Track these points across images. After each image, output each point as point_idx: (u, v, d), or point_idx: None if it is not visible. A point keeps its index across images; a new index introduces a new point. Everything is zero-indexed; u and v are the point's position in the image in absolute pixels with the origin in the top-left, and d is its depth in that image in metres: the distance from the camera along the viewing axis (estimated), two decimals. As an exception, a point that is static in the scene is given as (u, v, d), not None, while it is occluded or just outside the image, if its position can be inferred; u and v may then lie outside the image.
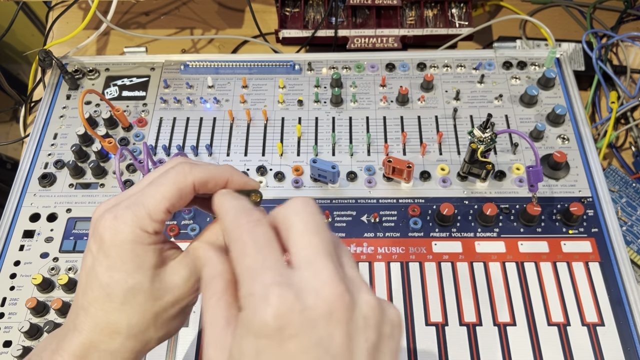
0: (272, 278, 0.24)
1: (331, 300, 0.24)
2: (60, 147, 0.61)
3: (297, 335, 0.23)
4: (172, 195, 0.30)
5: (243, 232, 0.26)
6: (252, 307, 0.24)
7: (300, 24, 0.73)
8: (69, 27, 0.80)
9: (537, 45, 0.74)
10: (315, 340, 0.23)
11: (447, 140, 0.60)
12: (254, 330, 0.24)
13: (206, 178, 0.31)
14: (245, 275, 0.25)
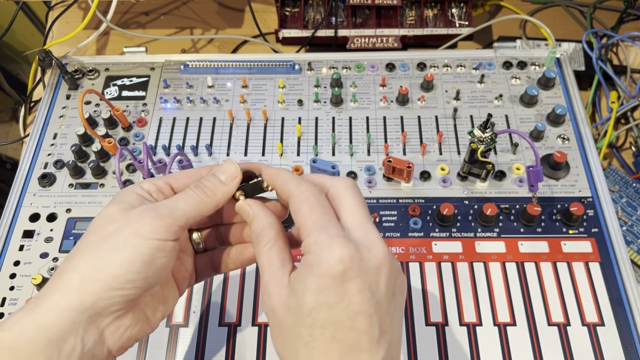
0: (337, 232, 0.30)
1: (380, 257, 0.31)
2: (60, 147, 0.61)
3: (354, 278, 0.29)
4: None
5: (310, 195, 0.32)
6: (318, 253, 0.30)
7: (300, 23, 0.73)
8: (68, 27, 0.80)
9: (537, 45, 0.74)
10: (367, 285, 0.30)
11: (447, 140, 0.60)
12: (319, 271, 0.29)
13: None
14: (313, 227, 0.31)
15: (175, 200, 0.34)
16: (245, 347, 0.48)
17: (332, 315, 0.29)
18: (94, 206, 0.57)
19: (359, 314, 0.29)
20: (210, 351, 0.48)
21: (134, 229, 0.32)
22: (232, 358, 0.48)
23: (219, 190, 0.35)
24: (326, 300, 0.29)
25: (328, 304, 0.29)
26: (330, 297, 0.29)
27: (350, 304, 0.29)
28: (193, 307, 0.50)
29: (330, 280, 0.29)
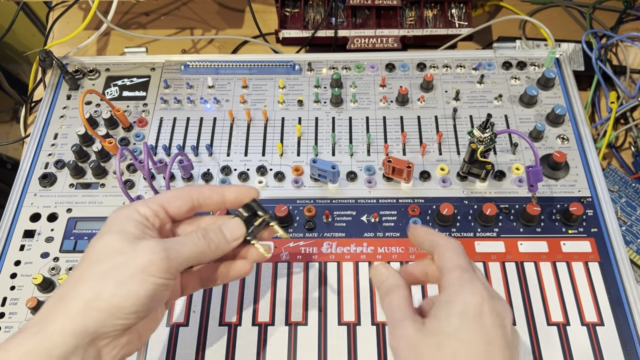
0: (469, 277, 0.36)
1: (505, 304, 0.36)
2: (61, 147, 0.61)
3: (489, 313, 0.34)
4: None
5: (456, 245, 0.39)
6: (462, 286, 0.35)
7: (300, 24, 0.74)
8: (69, 28, 0.81)
9: (536, 45, 0.74)
10: (500, 322, 0.35)
11: (447, 140, 0.60)
12: (462, 300, 0.35)
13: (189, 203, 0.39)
14: (456, 268, 0.37)
15: (182, 244, 0.36)
16: (246, 347, 0.48)
17: (471, 339, 0.33)
18: (95, 206, 0.57)
19: (492, 344, 0.34)
20: (211, 351, 0.48)
21: (142, 265, 0.34)
22: (232, 358, 0.48)
23: (223, 247, 0.38)
24: (465, 324, 0.34)
25: (468, 329, 0.34)
26: (469, 321, 0.34)
27: (486, 333, 0.34)
28: (193, 306, 0.50)
29: (472, 309, 0.34)
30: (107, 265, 0.34)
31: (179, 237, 0.37)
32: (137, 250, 0.34)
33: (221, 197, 0.40)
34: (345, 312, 0.50)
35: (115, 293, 0.33)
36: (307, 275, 0.52)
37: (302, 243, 0.54)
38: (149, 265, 0.34)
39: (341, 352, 0.48)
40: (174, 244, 0.36)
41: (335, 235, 0.54)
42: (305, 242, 0.54)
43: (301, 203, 0.56)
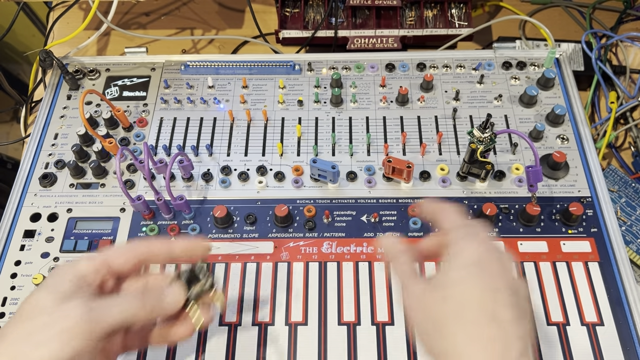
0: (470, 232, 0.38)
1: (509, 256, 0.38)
2: (61, 147, 0.61)
3: (493, 261, 0.36)
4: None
5: (457, 210, 0.40)
6: (462, 247, 0.37)
7: (300, 24, 0.74)
8: (69, 28, 0.81)
9: (536, 45, 0.74)
10: (503, 269, 0.36)
11: (447, 141, 0.60)
12: (459, 262, 0.36)
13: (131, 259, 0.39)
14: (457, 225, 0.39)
15: (112, 305, 0.35)
16: (246, 347, 0.48)
17: (475, 287, 0.35)
18: (95, 206, 0.57)
19: (498, 291, 0.35)
20: (211, 351, 0.48)
21: (62, 326, 0.33)
22: (232, 358, 0.48)
23: (159, 310, 0.37)
24: (469, 274, 0.35)
25: (472, 278, 0.35)
26: (473, 271, 0.35)
27: (492, 281, 0.35)
28: (193, 306, 0.50)
29: (474, 260, 0.36)
30: (31, 325, 0.33)
31: (113, 297, 0.36)
32: (62, 310, 0.33)
33: (168, 253, 0.39)
34: (345, 312, 0.50)
35: (33, 356, 0.32)
36: (307, 275, 0.52)
37: (302, 243, 0.54)
38: (71, 327, 0.33)
39: (341, 352, 0.48)
40: (104, 304, 0.35)
41: (335, 235, 0.54)
42: (305, 242, 0.54)
43: (301, 203, 0.56)
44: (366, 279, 0.51)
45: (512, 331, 0.34)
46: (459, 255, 0.36)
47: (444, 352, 0.34)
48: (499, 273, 0.36)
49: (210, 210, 0.56)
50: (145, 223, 0.55)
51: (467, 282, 0.35)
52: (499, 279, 0.35)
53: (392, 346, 0.48)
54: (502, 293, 0.35)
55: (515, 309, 0.34)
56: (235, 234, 0.55)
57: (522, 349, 0.33)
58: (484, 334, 0.33)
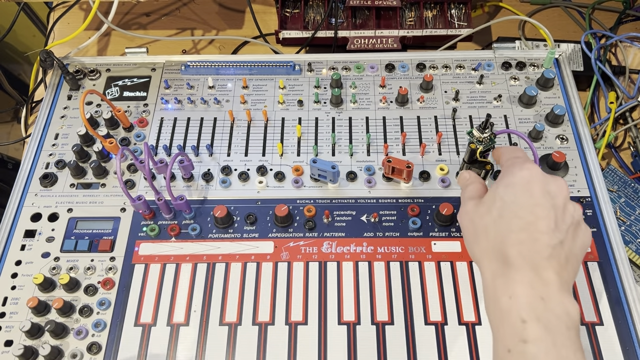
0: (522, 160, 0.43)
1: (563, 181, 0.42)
2: (62, 147, 0.61)
3: (537, 182, 0.40)
4: None
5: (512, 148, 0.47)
6: (511, 167, 0.42)
7: (300, 24, 0.74)
8: (70, 28, 0.81)
9: (536, 45, 0.74)
10: (547, 190, 0.40)
11: (447, 141, 0.61)
12: (510, 175, 0.41)
13: None
14: (510, 157, 0.44)
15: None
16: (246, 347, 0.48)
17: (516, 200, 0.39)
18: (95, 206, 0.57)
19: (538, 205, 0.38)
20: (211, 350, 0.48)
21: None
22: (232, 357, 0.48)
23: None
24: (513, 190, 0.40)
25: (514, 193, 0.39)
26: (517, 188, 0.40)
27: (532, 197, 0.39)
28: (194, 306, 0.51)
29: (520, 180, 0.40)
30: None
31: None
32: None
33: None
34: (345, 312, 0.50)
35: None
36: (307, 275, 0.52)
37: (302, 243, 0.54)
38: None
39: (341, 351, 0.48)
40: None
41: (335, 235, 0.54)
42: (305, 242, 0.54)
43: (301, 203, 0.56)
44: (366, 279, 0.51)
45: (544, 240, 0.37)
46: (506, 176, 0.41)
47: (476, 258, 0.41)
48: (543, 194, 0.39)
49: (210, 210, 0.56)
50: (145, 223, 0.56)
51: (509, 195, 0.40)
52: (542, 199, 0.39)
53: (392, 346, 0.48)
54: (541, 208, 0.38)
55: (552, 222, 0.38)
56: (235, 234, 0.55)
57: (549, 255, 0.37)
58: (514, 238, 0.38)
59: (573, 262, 0.39)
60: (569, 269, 0.38)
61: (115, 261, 0.53)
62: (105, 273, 0.53)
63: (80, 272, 0.53)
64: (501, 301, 0.37)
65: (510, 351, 0.35)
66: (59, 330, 0.49)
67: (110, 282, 0.52)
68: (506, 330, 0.36)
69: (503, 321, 0.36)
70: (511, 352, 0.35)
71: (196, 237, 0.55)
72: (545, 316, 0.35)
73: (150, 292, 0.51)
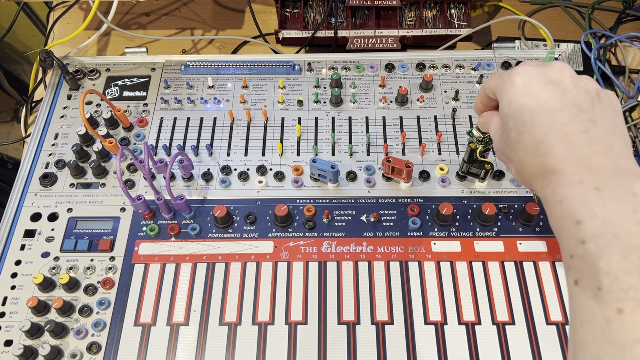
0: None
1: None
2: (62, 147, 0.61)
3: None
4: None
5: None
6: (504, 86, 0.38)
7: (300, 24, 0.74)
8: (70, 28, 0.81)
9: (536, 45, 0.74)
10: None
11: (447, 141, 0.61)
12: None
13: None
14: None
15: None
16: (246, 347, 0.48)
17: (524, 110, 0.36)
18: (95, 206, 0.57)
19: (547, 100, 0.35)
20: (211, 350, 0.48)
21: None
22: (232, 357, 0.48)
23: None
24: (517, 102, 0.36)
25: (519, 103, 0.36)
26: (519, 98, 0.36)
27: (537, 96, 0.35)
28: (194, 306, 0.51)
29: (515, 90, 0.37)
30: None
31: None
32: None
33: None
34: (345, 312, 0.50)
35: None
36: (307, 275, 0.52)
37: (302, 243, 0.54)
38: None
39: (341, 351, 0.48)
40: None
41: (335, 235, 0.54)
42: (305, 242, 0.54)
43: (301, 203, 0.56)
44: (366, 279, 0.52)
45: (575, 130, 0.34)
46: (503, 96, 0.38)
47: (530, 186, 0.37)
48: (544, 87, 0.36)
49: (210, 210, 0.56)
50: (145, 223, 0.56)
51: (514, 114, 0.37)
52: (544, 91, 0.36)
53: (392, 346, 0.48)
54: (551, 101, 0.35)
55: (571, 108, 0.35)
56: (235, 234, 0.55)
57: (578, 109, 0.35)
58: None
59: (617, 132, 0.34)
60: (616, 143, 0.34)
61: (115, 261, 0.53)
62: (105, 273, 0.53)
63: (80, 272, 0.53)
64: (555, 211, 0.33)
65: (572, 257, 0.31)
66: (59, 330, 0.49)
67: (110, 282, 0.52)
68: (564, 239, 0.32)
69: (561, 232, 0.32)
70: (573, 257, 0.31)
71: (196, 237, 0.55)
72: (604, 208, 0.30)
73: (150, 292, 0.51)
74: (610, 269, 0.28)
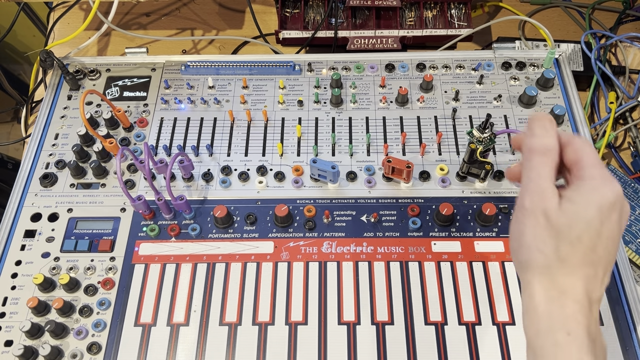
0: (609, 174, 0.37)
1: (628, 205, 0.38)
2: (62, 147, 0.61)
3: (617, 211, 0.36)
4: None
5: (590, 143, 0.38)
6: (602, 181, 0.36)
7: (300, 24, 0.74)
8: (70, 28, 0.81)
9: (536, 45, 0.74)
10: (622, 220, 0.37)
11: (447, 141, 0.61)
12: (600, 195, 0.35)
13: None
14: (597, 163, 0.37)
15: None
16: (246, 347, 0.48)
17: (598, 231, 0.35)
18: (95, 206, 0.57)
19: (610, 238, 0.35)
20: (211, 350, 0.48)
21: None
22: (232, 357, 0.48)
23: None
24: (600, 218, 0.35)
25: (600, 221, 0.35)
26: (603, 216, 0.35)
27: (610, 229, 0.35)
28: (194, 306, 0.51)
29: (607, 205, 0.35)
30: None
31: None
32: None
33: None
34: (345, 312, 0.50)
35: None
36: (307, 275, 0.52)
37: (302, 243, 0.54)
38: None
39: (341, 351, 0.48)
40: None
41: (335, 235, 0.54)
42: (305, 242, 0.54)
43: (301, 203, 0.56)
44: (366, 279, 0.52)
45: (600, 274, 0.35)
46: (597, 194, 0.35)
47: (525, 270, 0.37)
48: (618, 222, 0.36)
49: (210, 210, 0.56)
50: (145, 223, 0.56)
51: (593, 222, 0.35)
52: (615, 227, 0.36)
53: (392, 346, 0.48)
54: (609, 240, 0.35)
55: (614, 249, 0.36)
56: (235, 234, 0.55)
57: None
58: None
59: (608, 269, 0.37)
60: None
61: (115, 261, 0.53)
62: (105, 273, 0.53)
63: (80, 272, 0.53)
64: (557, 335, 0.34)
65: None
66: (59, 330, 0.49)
67: (110, 282, 0.52)
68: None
69: (557, 356, 0.34)
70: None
71: (196, 237, 0.55)
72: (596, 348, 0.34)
73: (150, 292, 0.51)
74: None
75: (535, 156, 0.37)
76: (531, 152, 0.37)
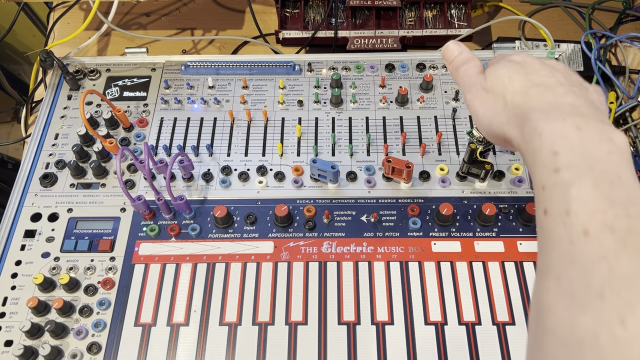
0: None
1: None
2: (62, 147, 0.62)
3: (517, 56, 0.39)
4: None
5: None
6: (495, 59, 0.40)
7: (300, 24, 0.74)
8: (70, 28, 0.81)
9: (536, 45, 0.74)
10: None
11: (446, 141, 0.61)
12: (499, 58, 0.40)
13: None
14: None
15: None
16: (246, 347, 0.48)
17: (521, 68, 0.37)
18: (95, 206, 0.57)
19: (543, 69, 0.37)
20: (211, 350, 0.48)
21: None
22: (232, 357, 0.48)
23: None
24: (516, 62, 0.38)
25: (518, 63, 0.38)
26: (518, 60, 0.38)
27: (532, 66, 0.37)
28: (194, 306, 0.51)
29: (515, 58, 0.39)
30: None
31: None
32: None
33: None
34: (345, 312, 0.50)
35: None
36: (307, 275, 0.52)
37: (302, 243, 0.54)
38: None
39: (341, 351, 0.48)
40: None
41: (335, 235, 0.54)
42: (305, 242, 0.54)
43: (301, 203, 0.56)
44: (366, 279, 0.52)
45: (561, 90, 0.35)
46: (501, 58, 0.39)
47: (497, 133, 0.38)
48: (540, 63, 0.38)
49: (210, 210, 0.56)
50: (145, 223, 0.56)
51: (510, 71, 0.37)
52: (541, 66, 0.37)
53: (392, 346, 0.48)
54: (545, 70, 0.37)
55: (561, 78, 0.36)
56: (235, 234, 0.55)
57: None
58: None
59: (600, 110, 0.35)
60: (600, 114, 0.34)
61: (115, 261, 0.53)
62: (105, 273, 0.53)
63: (80, 272, 0.53)
64: (533, 144, 0.33)
65: (544, 187, 0.31)
66: (59, 330, 0.49)
67: (110, 282, 0.52)
68: (538, 168, 0.32)
69: (536, 164, 0.32)
70: (545, 188, 0.31)
71: (196, 237, 0.55)
72: (582, 143, 0.31)
73: (150, 292, 0.51)
74: (580, 193, 0.29)
75: (461, 67, 0.43)
76: (457, 69, 0.43)
